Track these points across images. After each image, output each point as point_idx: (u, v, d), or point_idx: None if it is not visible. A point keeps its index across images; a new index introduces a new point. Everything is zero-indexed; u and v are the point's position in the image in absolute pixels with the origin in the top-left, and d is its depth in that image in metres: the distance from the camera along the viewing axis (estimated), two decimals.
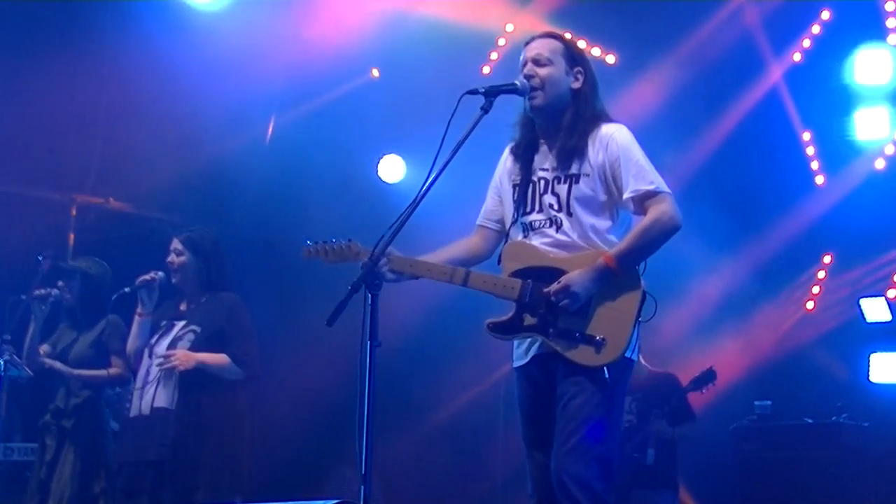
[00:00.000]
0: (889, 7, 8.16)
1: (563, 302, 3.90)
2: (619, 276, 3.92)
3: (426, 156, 3.81)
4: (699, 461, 7.59)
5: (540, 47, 4.14)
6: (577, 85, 4.12)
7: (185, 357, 5.49)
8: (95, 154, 8.03)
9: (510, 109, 4.21)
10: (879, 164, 8.28)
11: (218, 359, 5.59)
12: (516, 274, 4.03)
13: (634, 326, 3.94)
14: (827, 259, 8.63)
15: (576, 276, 3.90)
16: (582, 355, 3.90)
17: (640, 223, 3.98)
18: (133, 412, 5.61)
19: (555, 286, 3.91)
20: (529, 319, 3.98)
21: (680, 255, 6.65)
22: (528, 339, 4.07)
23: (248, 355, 5.67)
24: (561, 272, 3.94)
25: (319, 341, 7.17)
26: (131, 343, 5.78)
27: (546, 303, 3.94)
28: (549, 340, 3.95)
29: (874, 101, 8.28)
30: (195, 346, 5.59)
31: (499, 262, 4.13)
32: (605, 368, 3.89)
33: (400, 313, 5.54)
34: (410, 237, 3.95)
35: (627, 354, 3.95)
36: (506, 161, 4.28)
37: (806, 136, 8.58)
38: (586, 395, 3.88)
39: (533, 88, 4.06)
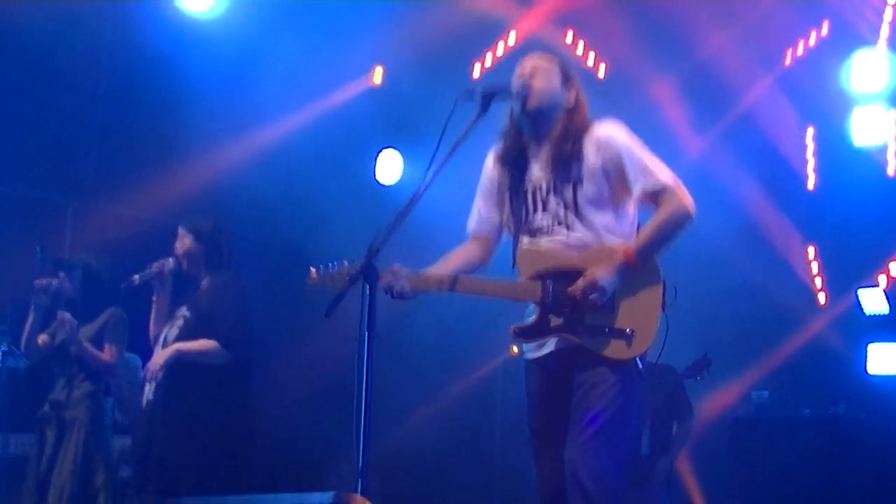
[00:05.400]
0: (887, 15, 8.19)
1: (591, 296, 3.91)
2: (638, 269, 3.96)
3: (423, 157, 3.82)
4: (696, 451, 7.59)
5: (538, 59, 4.19)
6: (568, 102, 4.14)
7: (155, 363, 5.45)
8: (93, 155, 8.03)
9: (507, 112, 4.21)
10: (890, 170, 8.32)
11: (199, 345, 5.48)
12: (534, 277, 4.05)
13: (660, 316, 3.99)
14: (811, 251, 8.65)
15: (601, 271, 3.93)
16: (614, 349, 3.94)
17: (656, 217, 4.02)
18: (144, 404, 5.60)
19: (581, 282, 3.93)
20: (555, 320, 4.00)
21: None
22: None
23: (232, 337, 5.52)
24: (579, 271, 3.97)
25: (317, 333, 7.19)
26: (152, 329, 5.75)
27: (570, 302, 3.97)
28: (579, 338, 3.97)
29: (871, 104, 8.30)
30: (183, 333, 5.55)
31: (513, 266, 4.14)
32: (636, 360, 3.95)
33: (397, 304, 5.52)
34: (409, 238, 3.97)
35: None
36: (493, 167, 4.28)
37: (807, 136, 8.63)
38: (605, 385, 3.93)
39: (528, 91, 4.08)
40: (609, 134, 4.06)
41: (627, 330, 3.93)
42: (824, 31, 8.42)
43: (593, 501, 3.81)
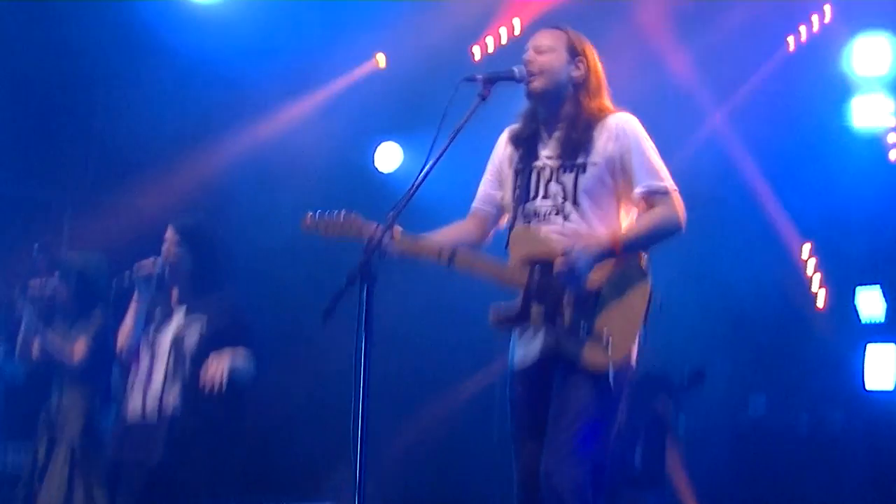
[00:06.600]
0: None
1: (565, 277, 3.85)
2: (623, 266, 3.89)
3: (423, 145, 3.75)
4: (692, 460, 7.52)
5: (542, 37, 4.12)
6: (577, 74, 4.08)
7: (219, 371, 5.25)
8: (92, 152, 8.01)
9: (508, 98, 4.15)
10: (893, 154, 8.25)
11: (241, 356, 5.37)
12: (524, 261, 3.99)
13: (642, 325, 3.90)
14: (806, 248, 8.57)
15: (579, 250, 3.85)
16: (590, 356, 3.85)
17: (650, 214, 3.96)
18: (133, 412, 5.40)
19: (559, 262, 3.85)
20: (537, 308, 3.93)
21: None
22: (530, 343, 4.01)
23: (255, 354, 5.48)
24: None
25: (315, 338, 7.13)
26: (124, 335, 5.54)
27: (554, 291, 3.90)
28: (557, 336, 3.90)
29: (872, 89, 8.24)
30: (201, 345, 5.38)
31: (506, 246, 4.08)
32: (608, 373, 3.84)
33: (395, 306, 5.48)
34: (407, 227, 3.91)
35: (633, 356, 3.92)
36: (505, 147, 4.23)
37: (806, 125, 8.56)
38: (584, 398, 3.85)
39: (531, 74, 4.03)
40: (622, 126, 4.01)
41: (605, 334, 3.84)
42: (827, 16, 8.34)
43: None
